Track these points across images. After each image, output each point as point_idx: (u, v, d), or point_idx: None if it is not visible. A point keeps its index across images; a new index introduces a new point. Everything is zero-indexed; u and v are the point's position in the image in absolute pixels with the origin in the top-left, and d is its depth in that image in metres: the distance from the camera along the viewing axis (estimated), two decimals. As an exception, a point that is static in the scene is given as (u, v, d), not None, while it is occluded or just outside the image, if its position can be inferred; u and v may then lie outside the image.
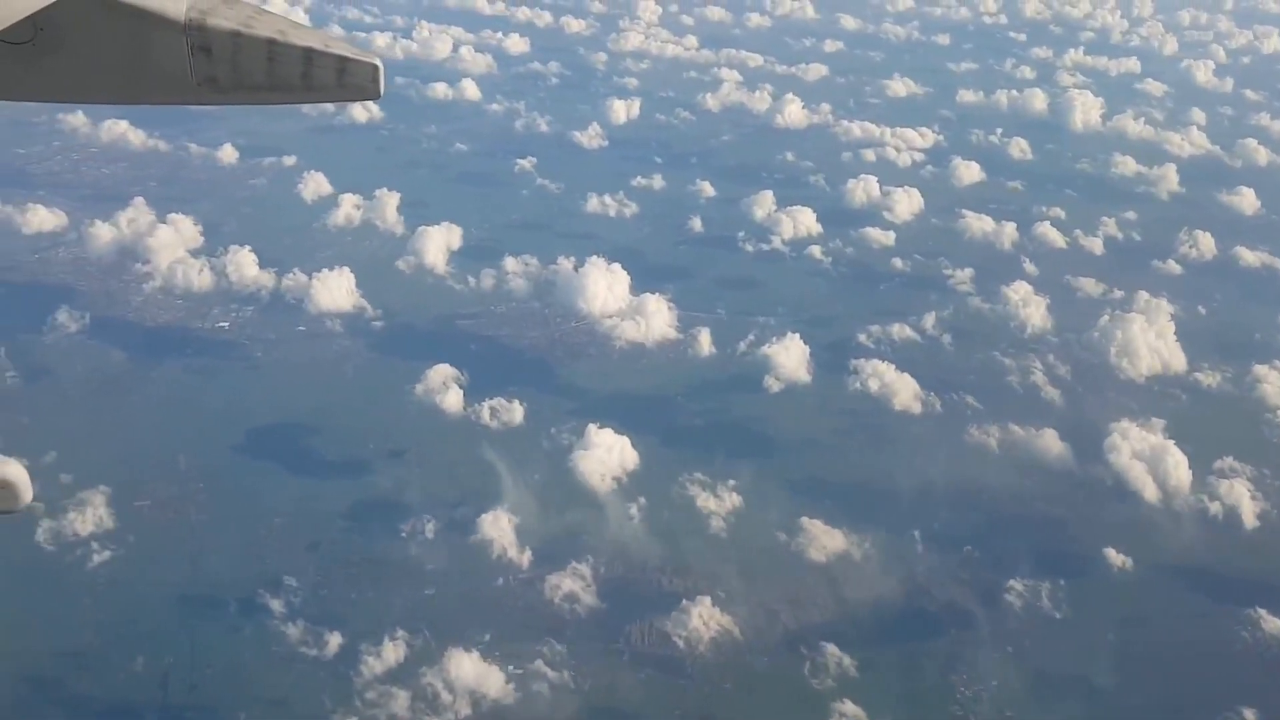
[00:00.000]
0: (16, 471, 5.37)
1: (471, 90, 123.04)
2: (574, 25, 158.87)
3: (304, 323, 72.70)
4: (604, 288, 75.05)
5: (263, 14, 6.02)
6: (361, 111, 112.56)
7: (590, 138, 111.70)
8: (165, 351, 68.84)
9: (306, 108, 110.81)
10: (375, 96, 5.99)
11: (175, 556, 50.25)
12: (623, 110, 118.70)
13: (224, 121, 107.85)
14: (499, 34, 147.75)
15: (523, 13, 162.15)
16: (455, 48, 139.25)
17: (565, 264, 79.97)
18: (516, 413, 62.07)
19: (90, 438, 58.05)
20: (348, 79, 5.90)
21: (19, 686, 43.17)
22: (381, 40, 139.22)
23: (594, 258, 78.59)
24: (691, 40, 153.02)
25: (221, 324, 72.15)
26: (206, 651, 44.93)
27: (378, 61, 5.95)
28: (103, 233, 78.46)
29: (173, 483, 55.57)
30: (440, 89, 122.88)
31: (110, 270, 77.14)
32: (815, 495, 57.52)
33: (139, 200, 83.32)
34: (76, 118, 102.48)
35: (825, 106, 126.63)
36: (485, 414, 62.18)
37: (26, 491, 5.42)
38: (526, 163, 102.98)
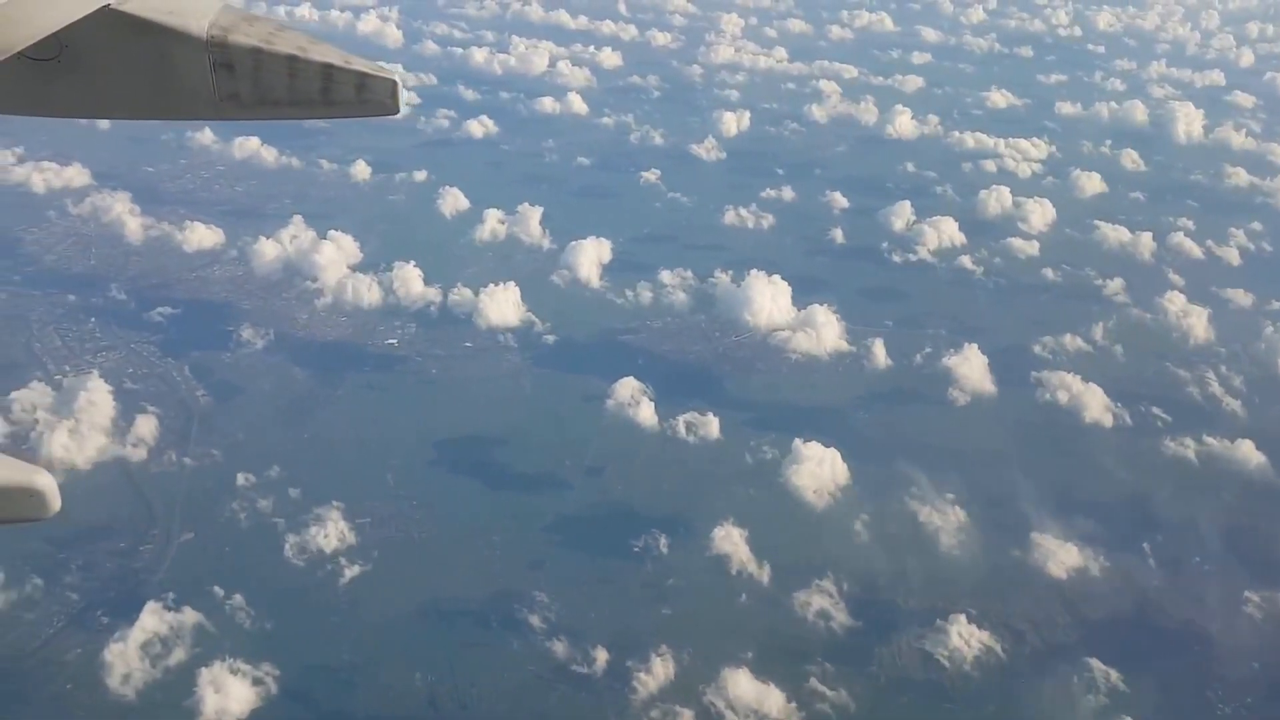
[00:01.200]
0: (46, 481, 5.28)
1: (578, 104, 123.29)
2: (660, 39, 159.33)
3: (472, 337, 72.54)
4: (768, 300, 74.52)
5: (283, 31, 6.05)
6: (478, 127, 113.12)
7: (707, 150, 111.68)
8: (343, 368, 68.76)
9: (426, 126, 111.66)
10: (394, 112, 6.03)
11: (415, 572, 49.87)
12: (733, 123, 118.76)
13: (344, 137, 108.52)
14: (590, 48, 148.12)
15: (607, 26, 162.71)
16: (552, 62, 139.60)
17: (723, 277, 79.58)
18: (712, 426, 61.51)
19: (301, 454, 57.98)
20: (367, 94, 5.95)
21: (286, 702, 42.80)
22: (479, 55, 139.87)
23: (754, 270, 78.08)
24: (781, 52, 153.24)
25: (390, 341, 72.01)
26: (470, 669, 44.48)
27: (396, 77, 5.99)
28: (266, 249, 78.49)
29: (388, 499, 55.28)
30: (548, 103, 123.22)
31: (274, 287, 77.26)
32: (1035, 510, 56.65)
33: (297, 218, 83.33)
34: (204, 135, 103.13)
35: (933, 118, 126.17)
36: (681, 428, 61.65)
37: (55, 500, 5.28)
38: (651, 175, 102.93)
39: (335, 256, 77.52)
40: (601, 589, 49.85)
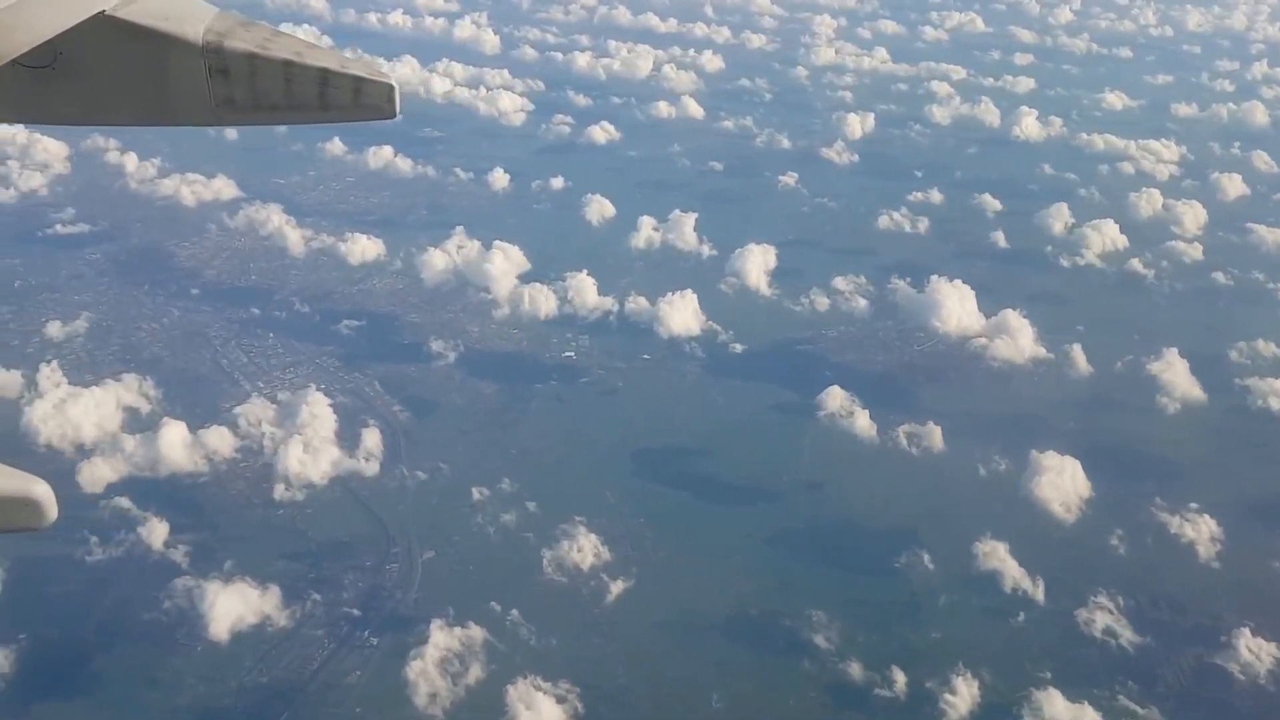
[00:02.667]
0: (43, 490, 5.28)
1: (693, 108, 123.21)
2: (755, 40, 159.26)
3: (650, 347, 72.24)
4: (956, 306, 73.91)
5: (279, 36, 6.06)
6: (600, 133, 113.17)
7: (838, 153, 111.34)
8: (527, 380, 68.58)
9: (547, 133, 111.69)
10: (391, 116, 6.04)
11: (672, 588, 49.52)
12: (857, 125, 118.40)
13: (462, 144, 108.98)
14: (691, 51, 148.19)
15: (700, 29, 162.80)
16: (656, 66, 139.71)
17: (900, 283, 79.06)
18: (935, 437, 60.90)
19: (521, 468, 57.74)
20: (364, 99, 5.96)
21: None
22: (582, 60, 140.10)
23: (934, 276, 77.55)
24: (882, 53, 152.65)
25: (568, 354, 71.74)
26: (767, 690, 44.05)
27: (393, 81, 6.00)
28: (435, 260, 78.62)
29: (615, 514, 54.86)
30: (663, 108, 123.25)
31: (443, 298, 77.32)
32: (1285, 522, 55.78)
33: (460, 228, 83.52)
34: (334, 145, 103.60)
35: (1055, 119, 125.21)
36: (902, 439, 61.09)
37: (52, 510, 5.32)
38: (789, 179, 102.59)
39: (506, 267, 77.36)
40: (870, 607, 49.21)
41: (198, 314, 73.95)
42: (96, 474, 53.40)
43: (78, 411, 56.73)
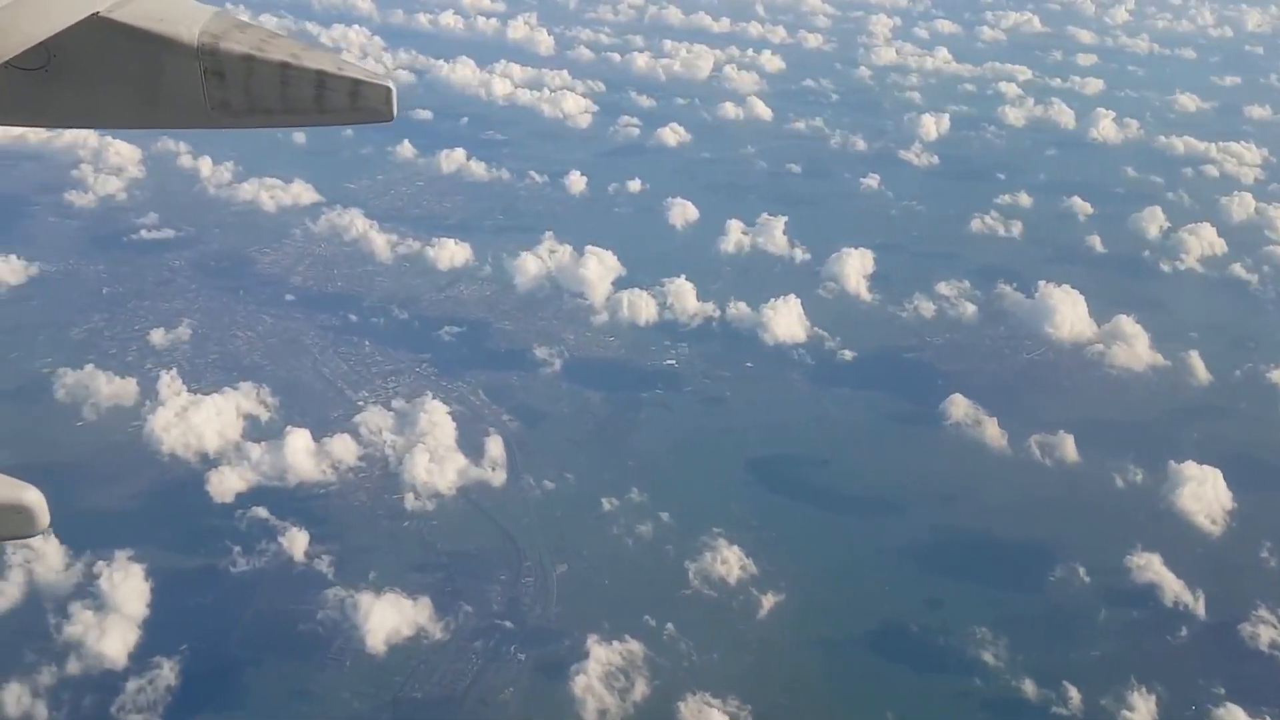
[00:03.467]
0: (35, 498, 5.35)
1: (761, 108, 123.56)
2: (812, 40, 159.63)
3: (754, 354, 72.42)
4: (1069, 312, 73.95)
5: (275, 38, 6.06)
6: (671, 135, 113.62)
7: (917, 155, 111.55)
8: (631, 388, 68.77)
9: (615, 135, 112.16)
10: (388, 119, 6.05)
11: (821, 602, 49.69)
12: (932, 126, 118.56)
13: (526, 146, 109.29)
14: (749, 51, 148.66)
15: (754, 28, 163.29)
16: (718, 67, 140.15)
17: (1006, 288, 79.17)
18: (1069, 447, 60.93)
19: (644, 478, 57.85)
20: (361, 101, 5.96)
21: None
22: (642, 61, 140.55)
23: (1042, 283, 77.66)
24: (944, 53, 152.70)
25: (669, 361, 71.94)
26: (941, 708, 44.17)
27: (390, 84, 5.99)
28: (528, 265, 79.02)
29: (745, 527, 54.91)
30: (730, 109, 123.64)
31: (537, 304, 77.67)
32: None
33: (549, 233, 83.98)
34: (404, 148, 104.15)
35: (1131, 121, 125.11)
36: (1035, 449, 61.13)
37: (44, 517, 5.37)
38: (872, 181, 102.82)
39: (601, 272, 77.69)
40: (1029, 622, 49.18)
41: (290, 321, 74.38)
42: (226, 483, 53.83)
43: (200, 420, 57.16)
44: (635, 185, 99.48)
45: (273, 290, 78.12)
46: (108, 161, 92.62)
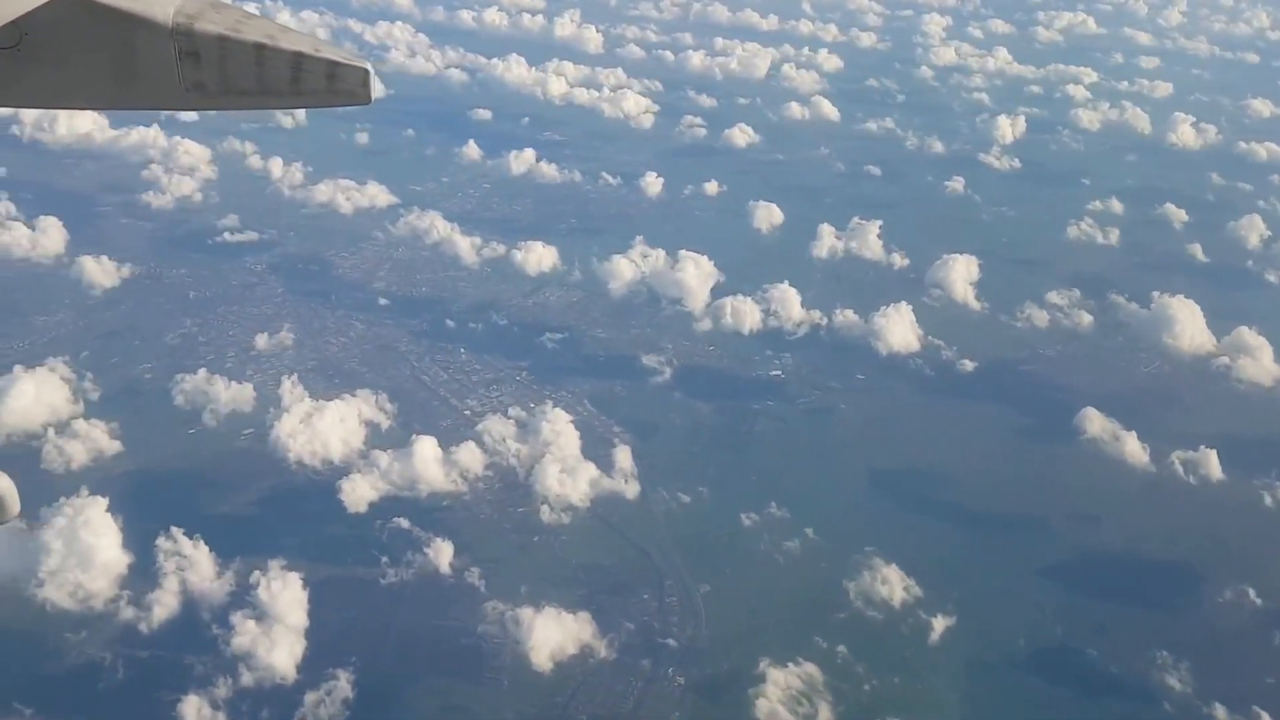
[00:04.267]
0: (5, 484, 5.48)
1: (827, 108, 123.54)
2: (865, 39, 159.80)
3: (867, 362, 72.19)
4: (1188, 322, 73.82)
5: (251, 18, 6.09)
6: (740, 135, 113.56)
7: (997, 158, 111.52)
8: (740, 398, 68.40)
9: (682, 135, 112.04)
10: (365, 101, 6.10)
11: (981, 624, 49.32)
12: (1008, 128, 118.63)
13: (584, 146, 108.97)
14: (805, 50, 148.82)
15: (805, 26, 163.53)
16: (775, 65, 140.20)
17: (1118, 298, 79.08)
18: (1212, 464, 60.68)
19: (776, 492, 57.40)
20: (338, 84, 6.03)
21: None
22: (697, 59, 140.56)
23: (1156, 293, 77.57)
24: (1003, 54, 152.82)
25: (775, 372, 71.62)
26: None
27: (368, 66, 6.05)
28: (622, 269, 78.79)
29: (889, 544, 54.57)
30: (796, 109, 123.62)
31: (632, 311, 77.35)
32: None
33: (639, 237, 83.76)
34: (471, 149, 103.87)
35: (1208, 126, 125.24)
36: (1178, 466, 60.90)
37: (14, 504, 5.54)
38: (956, 185, 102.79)
39: (699, 278, 77.44)
40: (1201, 646, 48.83)
41: (381, 327, 73.94)
42: (358, 492, 53.51)
43: (324, 427, 56.86)
44: (712, 187, 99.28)
45: (359, 295, 77.69)
46: (178, 161, 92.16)
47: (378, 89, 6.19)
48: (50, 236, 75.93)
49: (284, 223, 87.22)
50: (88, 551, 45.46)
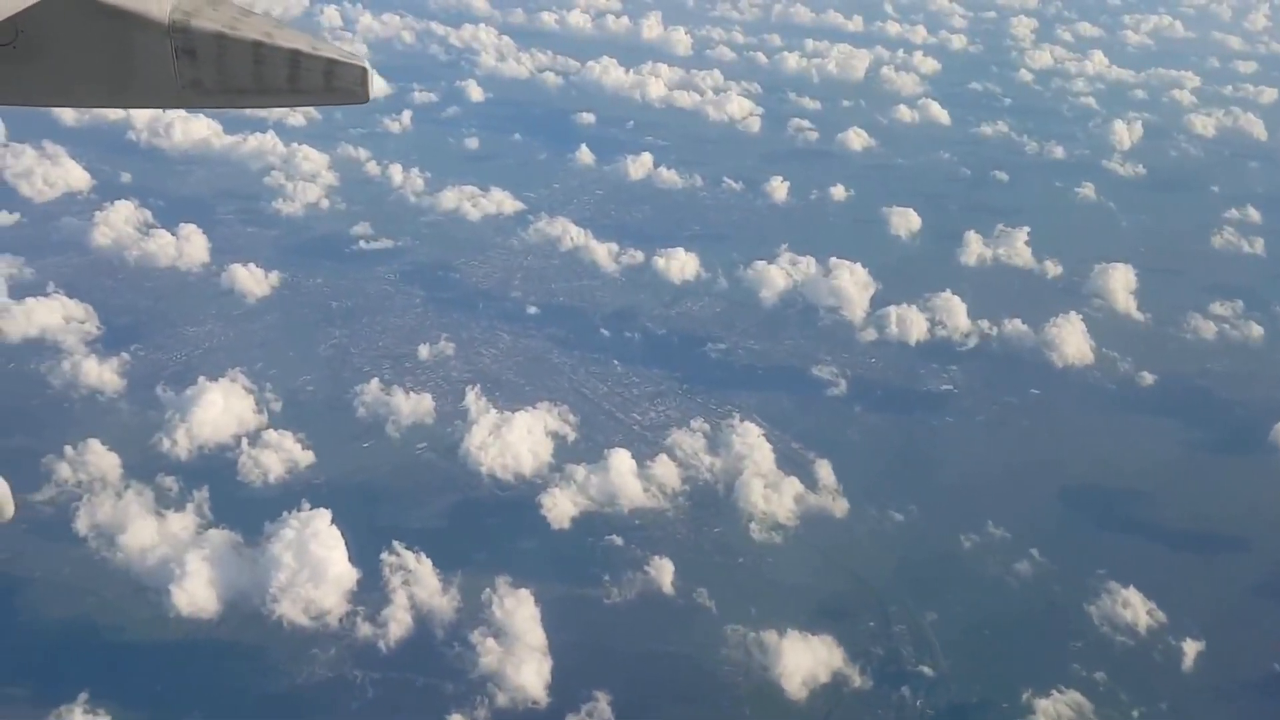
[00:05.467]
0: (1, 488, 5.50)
1: (936, 111, 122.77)
2: (956, 41, 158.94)
3: (1039, 375, 71.18)
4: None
5: (248, 15, 6.11)
6: (855, 139, 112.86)
7: (1121, 165, 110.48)
8: (917, 411, 67.80)
9: (794, 138, 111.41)
10: (363, 100, 6.13)
11: (1226, 645, 48.29)
12: (1125, 134, 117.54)
13: (688, 150, 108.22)
14: (899, 52, 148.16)
15: (893, 28, 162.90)
16: (873, 67, 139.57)
17: (1289, 310, 78.06)
18: None
19: (992, 513, 56.53)
20: (335, 82, 6.05)
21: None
22: (793, 61, 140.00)
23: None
24: (1099, 57, 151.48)
25: (946, 386, 70.66)
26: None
27: (366, 64, 6.07)
28: (774, 277, 78.13)
29: (1122, 566, 53.53)
30: (905, 112, 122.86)
31: (785, 321, 76.58)
32: None
33: (784, 245, 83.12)
34: (584, 154, 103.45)
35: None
36: None
37: (8, 506, 5.64)
38: (1088, 192, 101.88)
39: (856, 286, 76.69)
40: None
41: (528, 337, 73.28)
42: (561, 508, 52.92)
43: (514, 439, 56.34)
44: (838, 192, 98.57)
45: (501, 304, 77.06)
46: (299, 168, 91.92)
47: (376, 88, 6.18)
48: (193, 244, 75.67)
49: (410, 229, 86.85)
50: (319, 565, 44.96)
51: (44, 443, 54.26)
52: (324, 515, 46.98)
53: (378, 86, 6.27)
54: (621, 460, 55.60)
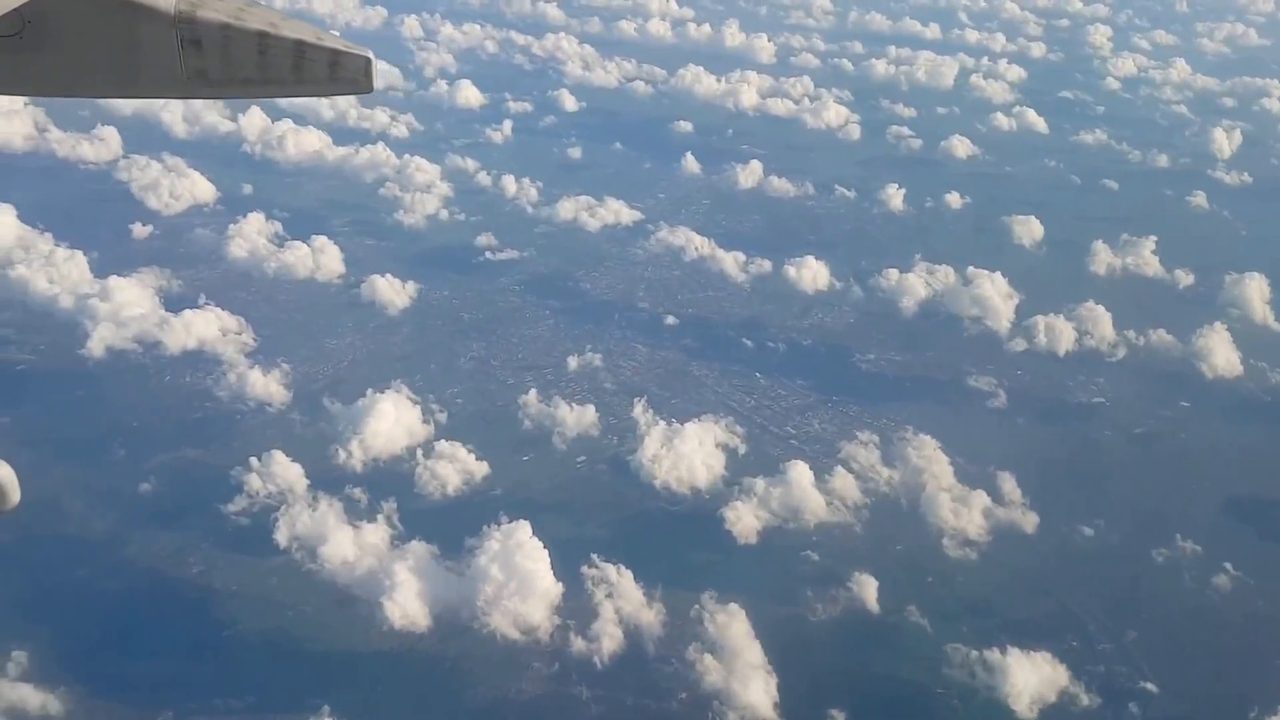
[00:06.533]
0: (6, 473, 5.49)
1: (1033, 118, 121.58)
2: (1035, 49, 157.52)
3: (1190, 387, 69.74)
4: None
5: (253, 6, 6.13)
6: (960, 147, 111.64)
7: (1227, 174, 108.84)
8: (1069, 423, 66.41)
9: (897, 145, 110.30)
10: (367, 90, 6.18)
11: None
12: (1224, 141, 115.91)
13: (798, 159, 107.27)
14: (984, 59, 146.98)
15: (971, 35, 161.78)
16: (963, 74, 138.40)
17: None
18: None
19: (1174, 527, 55.21)
20: (340, 72, 6.07)
21: None
22: (880, 67, 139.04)
23: None
24: (1183, 66, 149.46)
25: (1098, 399, 69.21)
26: None
27: (370, 54, 6.10)
28: (913, 286, 77.11)
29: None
30: (1002, 119, 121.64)
31: (928, 332, 75.37)
32: None
33: (918, 255, 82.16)
34: (690, 162, 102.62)
35: None
36: None
37: (14, 493, 5.56)
38: (1200, 200, 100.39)
39: (999, 296, 75.43)
40: None
41: (665, 350, 72.11)
42: (745, 522, 51.91)
43: (687, 451, 55.45)
44: (953, 200, 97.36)
45: (629, 314, 76.09)
46: (412, 179, 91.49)
47: (379, 78, 6.23)
48: (328, 256, 75.23)
49: (529, 240, 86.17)
50: (526, 578, 44.15)
51: (219, 455, 53.85)
52: (524, 527, 46.21)
53: (380, 77, 6.25)
54: (801, 473, 54.58)
